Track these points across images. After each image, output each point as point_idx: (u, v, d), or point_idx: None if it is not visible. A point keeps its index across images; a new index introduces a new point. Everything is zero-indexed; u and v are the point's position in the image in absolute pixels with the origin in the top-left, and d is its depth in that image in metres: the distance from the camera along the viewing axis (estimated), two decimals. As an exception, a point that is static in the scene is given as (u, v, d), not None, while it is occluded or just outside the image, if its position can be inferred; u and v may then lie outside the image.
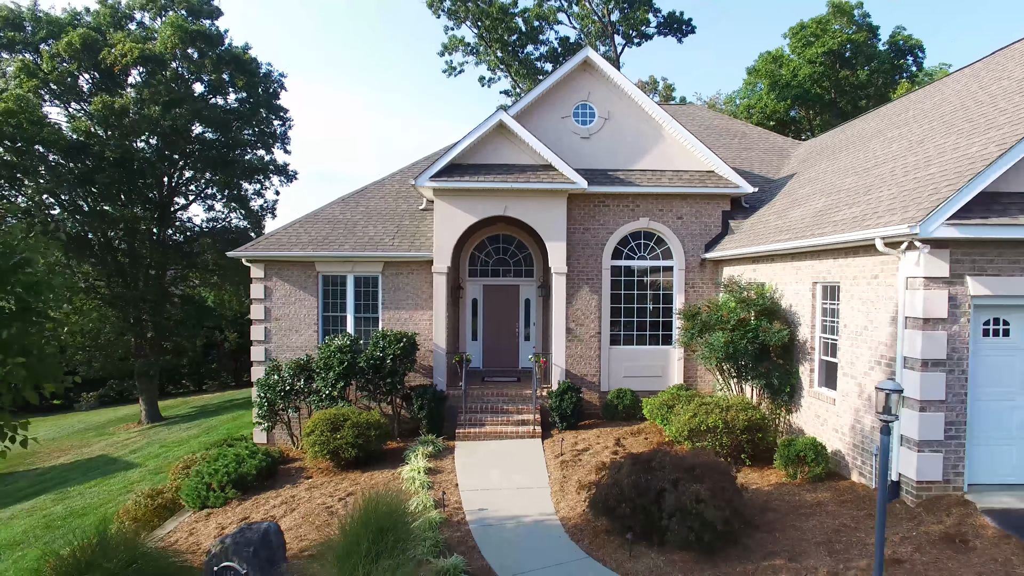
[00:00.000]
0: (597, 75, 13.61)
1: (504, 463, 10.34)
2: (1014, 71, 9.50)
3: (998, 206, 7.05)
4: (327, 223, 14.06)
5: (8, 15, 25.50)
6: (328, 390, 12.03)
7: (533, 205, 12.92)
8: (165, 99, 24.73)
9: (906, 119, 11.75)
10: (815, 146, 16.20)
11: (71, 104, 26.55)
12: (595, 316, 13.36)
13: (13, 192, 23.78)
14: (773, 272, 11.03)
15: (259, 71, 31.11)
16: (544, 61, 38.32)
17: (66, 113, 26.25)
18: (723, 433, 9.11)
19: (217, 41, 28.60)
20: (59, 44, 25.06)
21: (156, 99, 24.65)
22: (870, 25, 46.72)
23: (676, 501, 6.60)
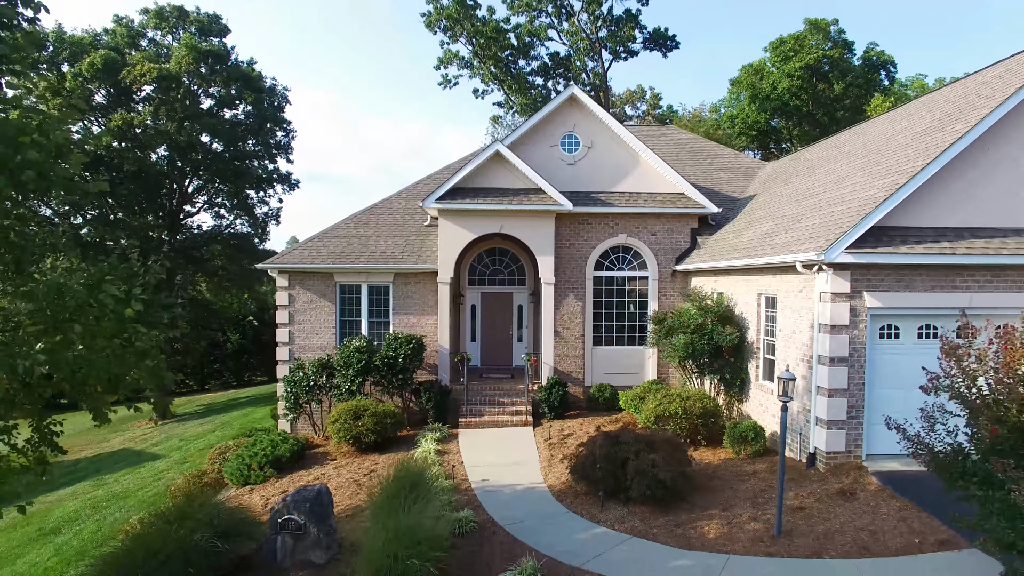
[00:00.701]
0: (582, 109, 15.56)
1: (501, 445, 12.25)
2: (916, 124, 11.55)
3: (886, 238, 9.06)
4: (343, 238, 15.91)
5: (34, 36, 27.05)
6: (347, 385, 13.88)
7: (525, 224, 14.84)
8: (180, 115, 26.46)
9: (839, 154, 13.80)
10: (774, 169, 18.24)
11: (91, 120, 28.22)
12: (579, 320, 15.31)
13: (37, 203, 25.41)
14: (729, 284, 13.02)
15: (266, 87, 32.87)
16: (535, 75, 40.29)
17: (83, 128, 27.89)
18: (682, 418, 11.08)
19: (226, 58, 30.34)
20: (82, 64, 26.73)
21: (172, 115, 26.36)
22: (845, 41, 48.97)
23: (637, 466, 8.54)
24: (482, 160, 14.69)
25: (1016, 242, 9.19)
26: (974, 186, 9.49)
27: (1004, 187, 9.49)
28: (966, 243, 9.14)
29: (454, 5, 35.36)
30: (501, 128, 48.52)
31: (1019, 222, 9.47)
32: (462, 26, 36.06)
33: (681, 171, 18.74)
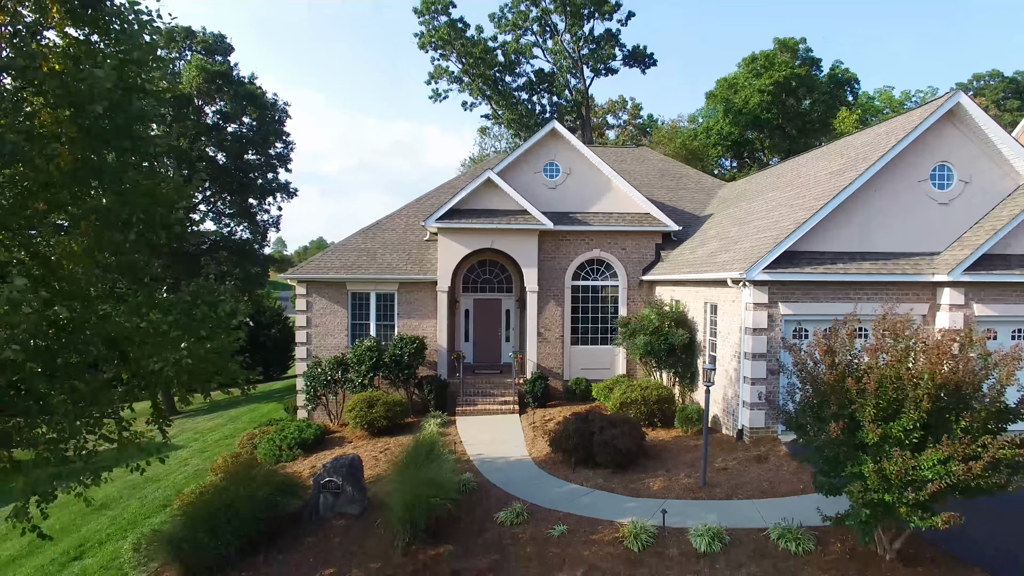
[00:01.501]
0: (562, 141, 18.00)
1: (493, 428, 14.63)
2: (833, 163, 14.15)
3: (796, 260, 11.61)
4: (354, 251, 18.20)
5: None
6: (360, 379, 16.18)
7: (513, 240, 17.25)
8: (192, 132, 28.51)
9: (777, 183, 16.40)
10: (731, 191, 20.84)
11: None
12: (559, 323, 17.75)
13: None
14: (684, 293, 15.52)
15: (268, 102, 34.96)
16: (521, 91, 42.70)
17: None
18: (641, 404, 13.54)
19: (232, 76, 32.43)
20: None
21: (185, 132, 28.40)
22: (812, 59, 51.99)
23: (601, 439, 10.98)
24: (475, 186, 17.07)
25: (893, 264, 11.79)
26: (867, 219, 12.08)
27: (887, 220, 12.08)
28: (856, 264, 11.72)
29: (445, 27, 37.65)
30: (488, 139, 50.90)
31: (897, 248, 12.08)
32: (452, 46, 38.38)
33: (650, 190, 21.31)
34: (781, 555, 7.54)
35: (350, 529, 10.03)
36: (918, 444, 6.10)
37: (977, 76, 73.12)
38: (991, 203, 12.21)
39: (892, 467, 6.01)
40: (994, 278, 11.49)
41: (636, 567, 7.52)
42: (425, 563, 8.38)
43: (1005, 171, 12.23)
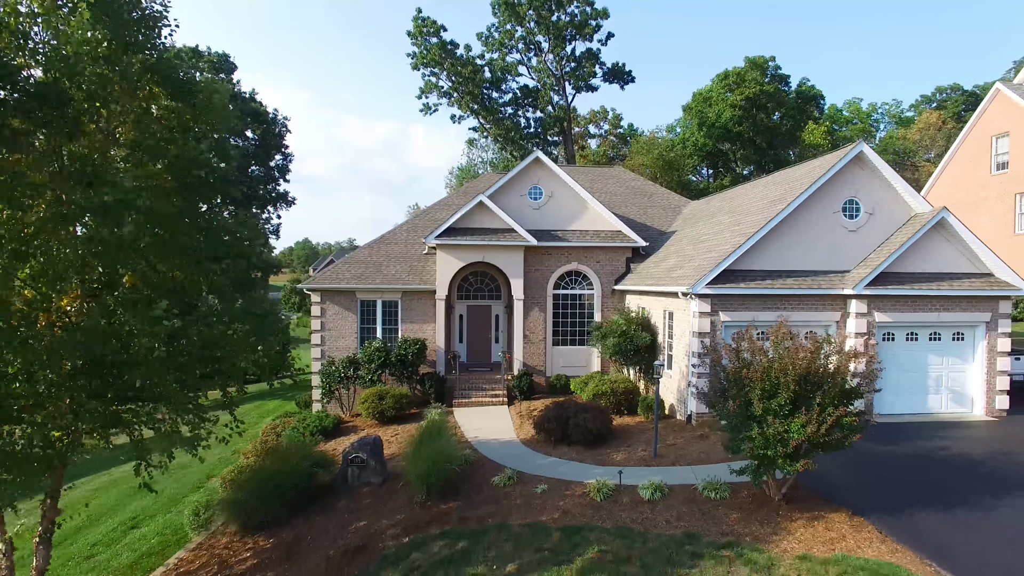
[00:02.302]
0: (544, 167, 20.63)
1: (486, 416, 17.20)
2: (771, 193, 16.94)
3: (732, 277, 14.36)
4: (362, 264, 20.66)
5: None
6: (370, 376, 18.66)
7: (502, 255, 19.84)
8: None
9: (730, 207, 19.20)
10: (692, 209, 23.64)
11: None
12: (542, 326, 20.37)
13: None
14: (648, 301, 18.23)
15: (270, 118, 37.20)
16: (507, 106, 45.30)
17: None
18: (611, 395, 16.21)
19: (238, 95, 34.63)
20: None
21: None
22: (782, 76, 55.20)
23: (575, 422, 13.61)
24: (469, 207, 19.63)
25: (812, 280, 14.60)
26: (790, 242, 14.88)
27: (807, 242, 14.89)
28: (782, 280, 14.51)
29: (436, 48, 40.13)
30: (476, 149, 53.43)
31: (816, 267, 14.89)
32: (443, 66, 40.86)
33: (623, 208, 24.05)
34: (704, 501, 10.22)
35: (374, 494, 12.56)
36: (788, 414, 8.79)
37: (940, 88, 77.34)
38: (890, 230, 15.08)
39: (770, 431, 8.71)
40: (888, 292, 14.34)
41: (597, 510, 10.15)
42: (438, 513, 10.94)
43: (900, 204, 15.11)
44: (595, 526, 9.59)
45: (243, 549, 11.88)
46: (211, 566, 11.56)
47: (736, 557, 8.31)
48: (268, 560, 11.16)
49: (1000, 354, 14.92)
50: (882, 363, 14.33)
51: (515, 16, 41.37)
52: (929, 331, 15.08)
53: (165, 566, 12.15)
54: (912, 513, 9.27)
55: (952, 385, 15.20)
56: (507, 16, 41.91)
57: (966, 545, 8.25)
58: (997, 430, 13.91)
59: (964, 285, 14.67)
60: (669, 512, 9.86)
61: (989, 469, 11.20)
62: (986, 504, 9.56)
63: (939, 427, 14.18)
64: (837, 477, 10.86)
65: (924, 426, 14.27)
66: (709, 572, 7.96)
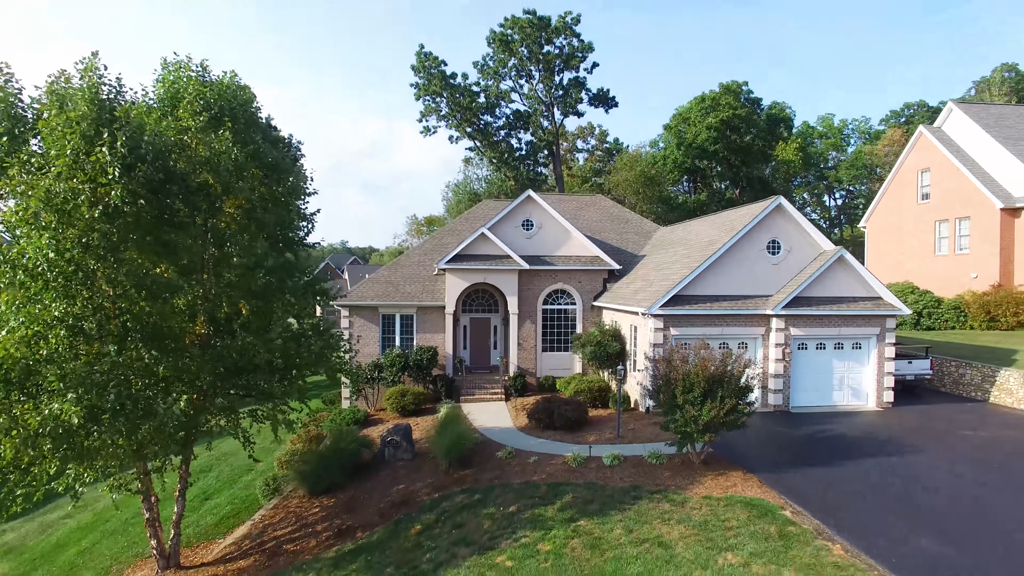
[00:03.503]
0: (535, 203, 24.80)
1: (488, 409, 21.32)
2: (713, 233, 21.21)
3: (682, 300, 18.62)
4: (383, 283, 24.72)
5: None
6: (392, 377, 22.73)
7: (500, 277, 23.98)
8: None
9: (687, 237, 23.46)
10: (659, 236, 27.92)
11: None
12: (534, 336, 24.53)
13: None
14: (619, 316, 22.45)
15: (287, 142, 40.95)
16: (500, 130, 49.46)
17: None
18: (587, 392, 20.40)
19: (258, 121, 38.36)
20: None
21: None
22: (754, 99, 59.75)
23: (558, 412, 17.80)
24: (473, 238, 23.77)
25: (744, 302, 18.90)
26: (733, 271, 19.16)
27: (741, 272, 19.19)
28: (719, 303, 18.78)
29: (437, 80, 44.21)
30: (472, 167, 57.52)
31: (747, 292, 19.19)
32: (442, 95, 44.96)
33: (602, 233, 28.29)
34: (648, 465, 14.42)
35: (407, 466, 16.68)
36: (700, 403, 13.00)
37: (907, 105, 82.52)
38: (804, 264, 19.41)
39: (688, 415, 12.92)
40: (800, 312, 18.66)
41: (573, 473, 14.32)
42: (458, 478, 15.06)
43: (812, 244, 19.46)
44: (571, 482, 13.78)
45: (311, 507, 15.94)
46: (290, 518, 15.61)
47: (663, 499, 12.52)
48: (333, 512, 15.24)
49: (887, 360, 19.31)
50: (793, 367, 18.75)
51: (508, 49, 45.54)
52: (833, 341, 19.44)
53: (252, 520, 16.19)
54: (783, 470, 13.55)
55: (852, 384, 19.57)
56: (501, 49, 46.07)
57: (805, 487, 12.52)
58: (879, 418, 18.29)
59: (859, 306, 19.04)
60: (623, 472, 14.07)
61: (852, 443, 15.53)
62: (833, 464, 13.88)
63: (838, 416, 18.54)
64: (744, 449, 15.13)
65: (827, 415, 18.63)
66: (643, 507, 12.17)
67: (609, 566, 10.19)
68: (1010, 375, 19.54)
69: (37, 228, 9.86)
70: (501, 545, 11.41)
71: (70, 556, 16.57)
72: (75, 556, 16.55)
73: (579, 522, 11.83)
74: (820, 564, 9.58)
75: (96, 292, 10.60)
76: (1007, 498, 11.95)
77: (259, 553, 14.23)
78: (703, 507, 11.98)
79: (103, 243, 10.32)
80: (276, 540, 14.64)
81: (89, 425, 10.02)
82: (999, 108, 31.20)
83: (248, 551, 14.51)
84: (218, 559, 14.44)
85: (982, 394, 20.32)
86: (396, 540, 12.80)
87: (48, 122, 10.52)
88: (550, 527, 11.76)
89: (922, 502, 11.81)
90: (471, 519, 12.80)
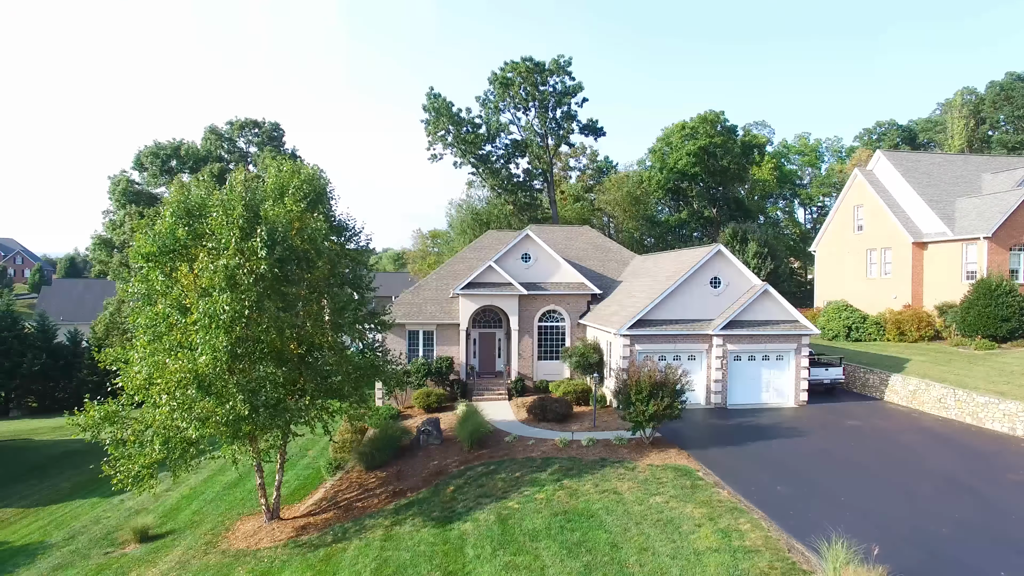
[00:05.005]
0: (532, 240, 30.62)
1: (495, 407, 27.07)
2: (674, 267, 27.05)
3: (646, 322, 24.47)
4: (408, 305, 30.46)
5: (170, 150, 40.42)
6: (418, 381, 28.49)
7: (503, 300, 29.75)
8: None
9: (654, 268, 29.30)
10: (635, 265, 33.75)
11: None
12: (531, 347, 30.32)
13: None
14: (598, 333, 28.24)
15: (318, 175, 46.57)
16: (499, 160, 55.25)
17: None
18: (573, 393, 26.20)
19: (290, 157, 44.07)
20: (204, 171, 40.09)
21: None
22: (730, 127, 65.68)
23: (550, 408, 23.61)
24: (482, 270, 29.53)
25: (692, 325, 24.74)
26: (685, 300, 25.00)
27: (690, 301, 25.04)
28: (674, 325, 24.61)
29: (445, 118, 50.01)
30: (474, 189, 63.30)
31: (695, 316, 25.03)
32: (449, 130, 50.75)
33: (587, 261, 34.12)
34: (613, 445, 20.22)
35: (438, 448, 22.44)
36: (647, 401, 18.78)
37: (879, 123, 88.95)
38: (739, 294, 25.26)
39: (638, 409, 18.72)
40: (735, 332, 24.53)
41: (560, 451, 20.11)
42: (477, 455, 20.82)
43: (746, 279, 25.33)
44: (558, 457, 19.56)
45: (369, 478, 21.66)
46: (353, 486, 21.34)
47: (620, 466, 18.31)
48: (386, 481, 20.97)
49: (803, 368, 25.20)
50: (730, 374, 24.62)
51: (508, 89, 51.37)
52: (761, 354, 25.32)
53: (324, 488, 21.90)
54: (707, 448, 19.40)
55: (776, 386, 25.46)
56: (501, 88, 51.90)
57: (718, 458, 18.36)
58: (793, 412, 24.17)
59: (781, 328, 24.93)
60: (595, 450, 19.87)
61: (764, 430, 21.40)
62: (744, 444, 19.75)
63: (763, 411, 24.42)
64: (685, 434, 20.96)
65: (755, 410, 24.50)
66: (607, 471, 17.96)
67: (581, 505, 15.99)
68: (898, 379, 25.49)
69: (219, 292, 15.54)
70: (511, 496, 17.19)
71: (187, 515, 22.21)
72: (190, 515, 22.19)
73: (563, 481, 17.63)
74: (711, 501, 15.41)
75: (248, 330, 16.29)
76: (851, 461, 17.86)
77: (336, 509, 19.94)
78: (646, 471, 17.81)
79: (254, 298, 16.02)
80: (347, 500, 20.37)
81: (251, 415, 15.72)
82: (917, 156, 37.18)
83: (326, 508, 20.22)
84: (305, 513, 20.14)
85: (879, 394, 26.27)
86: (437, 496, 18.55)
87: (218, 220, 16.23)
88: (543, 484, 17.57)
89: (791, 465, 17.70)
90: (489, 481, 18.57)
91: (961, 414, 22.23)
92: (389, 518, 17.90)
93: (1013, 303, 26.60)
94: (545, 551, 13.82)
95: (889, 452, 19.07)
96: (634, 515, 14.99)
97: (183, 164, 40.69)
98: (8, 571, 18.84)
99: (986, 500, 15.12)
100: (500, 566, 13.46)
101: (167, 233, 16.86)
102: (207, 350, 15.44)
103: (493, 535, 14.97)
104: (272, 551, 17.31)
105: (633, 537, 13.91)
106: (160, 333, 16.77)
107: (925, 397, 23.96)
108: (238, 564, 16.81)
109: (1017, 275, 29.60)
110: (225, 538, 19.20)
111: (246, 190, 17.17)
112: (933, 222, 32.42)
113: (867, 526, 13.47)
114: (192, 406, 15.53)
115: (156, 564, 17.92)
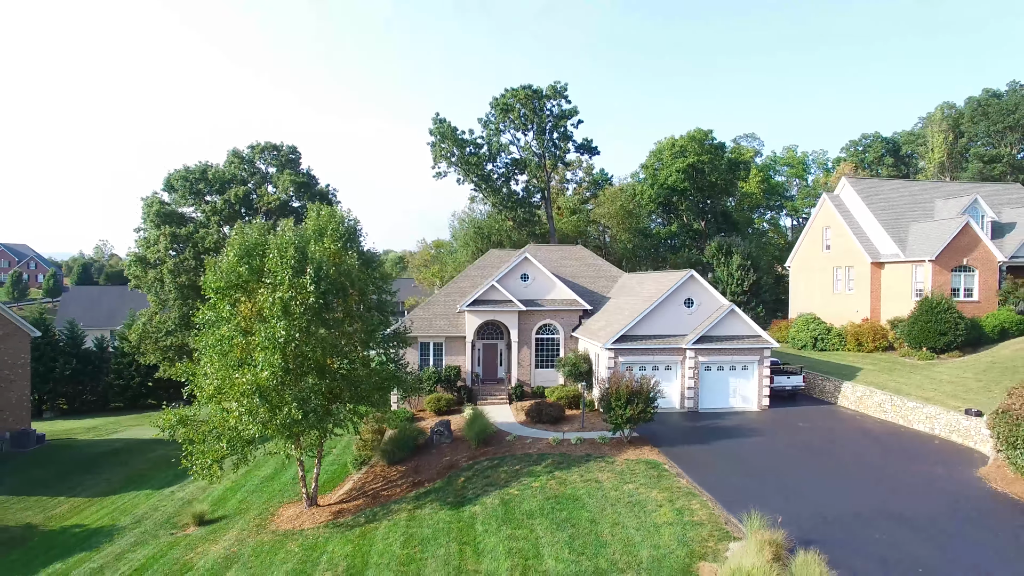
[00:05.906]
0: (530, 262, 34.42)
1: (498, 410, 30.82)
2: (656, 288, 30.84)
3: (628, 337, 28.27)
4: (419, 319, 34.24)
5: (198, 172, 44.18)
6: (429, 387, 32.27)
7: (504, 315, 33.54)
8: (294, 228, 44.06)
9: (639, 286, 33.09)
10: (622, 282, 37.54)
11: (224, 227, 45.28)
12: (529, 357, 34.11)
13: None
14: (588, 345, 32.01)
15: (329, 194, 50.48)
16: (500, 178, 59.04)
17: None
18: (566, 398, 29.96)
19: (309, 183, 48.07)
20: (230, 193, 44.04)
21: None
22: (718, 145, 69.44)
23: (546, 411, 27.40)
24: (485, 288, 33.32)
25: (668, 340, 28.55)
26: (662, 318, 28.80)
27: (667, 318, 28.85)
28: (652, 340, 28.42)
29: (450, 144, 53.83)
30: (477, 203, 67.10)
31: (671, 332, 28.83)
32: (453, 152, 54.57)
33: (580, 279, 37.93)
34: (598, 443, 23.99)
35: (449, 446, 26.21)
36: (625, 406, 22.54)
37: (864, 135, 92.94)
38: (710, 313, 29.05)
39: (618, 413, 22.49)
40: (705, 346, 28.33)
41: (553, 448, 23.89)
42: (484, 452, 24.59)
43: (715, 300, 29.13)
44: (552, 453, 23.34)
45: (391, 472, 25.43)
46: (378, 479, 25.11)
47: (602, 460, 22.08)
48: (406, 474, 24.74)
49: (765, 376, 29.00)
50: (701, 382, 28.43)
51: (507, 113, 55.20)
52: (729, 365, 29.13)
53: (352, 480, 25.65)
54: (676, 445, 23.20)
55: (742, 393, 29.26)
56: (501, 112, 55.73)
57: (684, 453, 22.13)
58: (756, 415, 27.97)
59: (746, 342, 28.72)
60: (582, 448, 23.66)
61: (728, 430, 25.20)
62: (709, 442, 23.54)
63: (730, 414, 28.21)
64: (659, 434, 24.75)
65: (723, 414, 28.28)
66: (591, 464, 21.73)
67: (569, 491, 19.78)
68: (848, 386, 29.32)
69: (277, 319, 19.31)
70: (512, 484, 20.96)
71: (234, 503, 25.95)
72: (237, 504, 25.92)
73: (554, 473, 21.41)
74: (672, 487, 19.21)
75: (298, 349, 20.07)
76: (793, 456, 21.68)
77: (364, 497, 23.71)
78: (623, 464, 21.60)
79: (304, 325, 19.79)
80: (373, 490, 24.13)
81: (303, 420, 19.49)
82: (880, 182, 41.01)
83: (356, 496, 23.98)
84: (339, 501, 23.90)
85: (833, 399, 30.09)
86: (450, 486, 22.32)
87: (274, 260, 20.02)
88: (538, 475, 21.35)
89: (744, 458, 21.52)
90: (493, 473, 22.35)
91: (896, 417, 26.05)
92: (411, 503, 21.65)
93: (950, 319, 30.41)
94: (539, 526, 17.60)
95: (826, 448, 22.88)
96: (610, 498, 18.78)
97: (210, 186, 44.45)
98: (94, 546, 22.59)
99: (885, 483, 18.95)
100: (503, 537, 17.24)
101: (230, 271, 20.62)
102: (267, 366, 19.21)
103: (497, 515, 18.75)
104: (315, 530, 21.06)
105: (608, 515, 17.71)
106: (225, 351, 20.53)
107: (869, 402, 27.78)
108: (288, 540, 20.58)
109: (958, 293, 33.45)
110: (272, 521, 22.94)
111: (295, 235, 20.94)
112: (889, 244, 36.25)
113: (786, 503, 17.33)
114: (255, 411, 19.30)
115: (217, 542, 21.66)
